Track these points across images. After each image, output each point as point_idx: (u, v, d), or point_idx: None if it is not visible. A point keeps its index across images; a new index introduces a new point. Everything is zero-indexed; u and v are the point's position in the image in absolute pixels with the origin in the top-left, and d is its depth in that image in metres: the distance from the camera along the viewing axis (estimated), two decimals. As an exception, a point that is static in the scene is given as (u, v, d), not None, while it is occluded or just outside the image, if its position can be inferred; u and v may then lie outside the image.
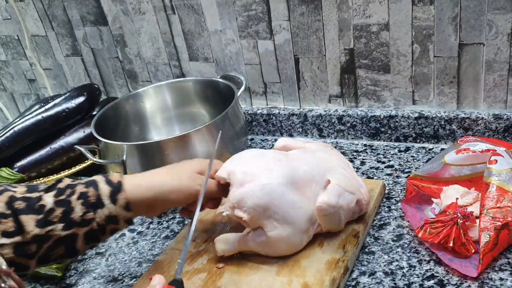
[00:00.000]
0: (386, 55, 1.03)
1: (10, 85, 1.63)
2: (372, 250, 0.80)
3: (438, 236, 0.73)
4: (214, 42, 1.20)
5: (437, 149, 1.04)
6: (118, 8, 1.26)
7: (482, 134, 1.00)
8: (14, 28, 1.47)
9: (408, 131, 1.06)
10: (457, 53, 0.97)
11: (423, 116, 1.04)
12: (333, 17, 1.04)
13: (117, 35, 1.31)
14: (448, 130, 1.03)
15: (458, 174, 0.85)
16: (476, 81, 0.98)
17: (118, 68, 1.37)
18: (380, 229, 0.84)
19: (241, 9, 1.12)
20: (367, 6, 1.00)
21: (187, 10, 1.18)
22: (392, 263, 0.76)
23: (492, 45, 0.94)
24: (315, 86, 1.14)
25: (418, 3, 0.95)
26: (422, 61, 1.01)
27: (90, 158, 0.98)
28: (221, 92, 1.12)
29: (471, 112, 1.01)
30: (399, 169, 0.99)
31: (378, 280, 0.74)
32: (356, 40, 1.04)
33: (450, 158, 0.85)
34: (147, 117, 1.21)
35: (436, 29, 0.96)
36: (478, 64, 0.97)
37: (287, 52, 1.13)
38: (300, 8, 1.06)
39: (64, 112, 1.22)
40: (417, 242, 0.79)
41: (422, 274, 0.73)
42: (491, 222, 0.71)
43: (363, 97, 1.10)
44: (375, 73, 1.06)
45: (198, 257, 0.81)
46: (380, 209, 0.88)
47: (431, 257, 0.76)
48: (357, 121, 1.11)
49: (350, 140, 1.13)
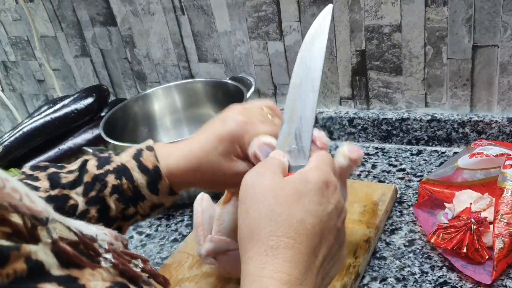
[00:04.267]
0: (398, 56, 1.02)
1: (19, 85, 1.63)
2: (384, 255, 0.78)
3: (451, 242, 0.72)
4: (224, 43, 1.19)
5: (450, 152, 1.02)
6: (127, 9, 1.26)
7: (496, 138, 0.99)
8: (24, 28, 1.47)
9: (420, 134, 1.05)
10: (471, 55, 0.96)
11: (436, 119, 1.02)
12: (344, 18, 1.03)
13: (126, 36, 1.31)
14: (461, 133, 1.01)
15: (472, 179, 0.83)
16: (490, 83, 0.97)
17: (127, 69, 1.37)
18: (391, 234, 0.82)
19: (251, 10, 1.11)
20: (379, 7, 0.98)
21: (197, 11, 1.18)
22: (404, 268, 0.75)
23: (507, 47, 0.92)
24: (325, 88, 1.13)
25: (431, 4, 0.94)
26: (435, 63, 0.99)
27: (98, 159, 0.98)
28: (230, 93, 1.11)
29: (484, 115, 0.99)
30: (411, 173, 0.98)
31: (390, 286, 0.72)
32: (368, 41, 1.03)
33: (463, 162, 0.84)
34: (156, 119, 1.20)
35: (449, 30, 0.95)
36: (492, 66, 0.95)
37: (297, 54, 1.11)
38: (311, 9, 1.05)
39: (72, 113, 1.22)
40: (430, 247, 0.78)
41: (435, 281, 0.72)
42: (506, 228, 0.70)
43: (374, 99, 1.09)
44: (387, 75, 1.05)
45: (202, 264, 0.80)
46: (391, 214, 0.87)
47: (444, 263, 0.74)
48: (369, 124, 1.09)
49: (361, 142, 1.12)
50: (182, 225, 0.97)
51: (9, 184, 0.31)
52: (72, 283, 0.32)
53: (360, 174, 1.00)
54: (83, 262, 0.34)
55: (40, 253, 0.31)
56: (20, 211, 0.31)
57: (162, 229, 0.97)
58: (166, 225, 0.98)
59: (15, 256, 0.29)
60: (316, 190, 0.44)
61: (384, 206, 0.85)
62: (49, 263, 0.31)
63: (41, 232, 0.32)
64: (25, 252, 0.29)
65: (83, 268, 0.33)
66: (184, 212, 1.00)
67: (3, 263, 0.28)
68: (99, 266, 0.35)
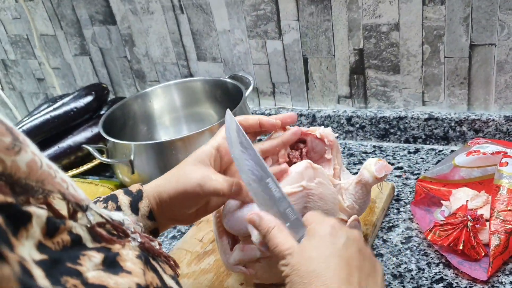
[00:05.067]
0: (396, 55, 1.02)
1: (19, 84, 1.64)
2: (381, 252, 0.79)
3: (448, 239, 0.73)
4: (223, 42, 1.19)
5: (447, 151, 1.03)
6: (126, 8, 1.26)
7: (492, 136, 0.99)
8: (23, 27, 1.48)
9: (417, 132, 1.06)
10: (468, 54, 0.96)
11: (433, 117, 1.03)
12: (342, 17, 1.03)
13: (125, 34, 1.31)
14: (458, 131, 1.02)
15: (468, 177, 0.84)
16: (487, 82, 0.97)
17: (127, 67, 1.37)
18: (388, 231, 0.83)
19: (250, 8, 1.11)
20: (377, 6, 0.99)
21: (196, 10, 1.18)
22: (400, 265, 0.75)
23: (504, 45, 0.93)
24: (323, 86, 1.13)
25: (429, 3, 0.95)
26: (433, 62, 1.00)
27: (98, 157, 0.99)
28: (229, 92, 1.12)
29: (481, 114, 1.00)
30: (408, 171, 0.98)
31: (386, 283, 0.73)
32: (366, 40, 1.03)
33: (460, 160, 0.84)
34: (155, 117, 1.21)
35: (447, 29, 0.96)
36: (490, 65, 0.96)
37: (295, 52, 1.12)
38: (309, 8, 1.05)
39: (72, 111, 1.22)
40: (426, 244, 0.78)
41: (431, 277, 0.72)
42: (502, 225, 0.71)
43: (372, 98, 1.09)
44: (385, 73, 1.05)
45: (205, 257, 0.81)
46: (389, 211, 0.88)
47: (440, 260, 0.75)
48: (366, 122, 1.10)
49: (359, 141, 1.13)
50: (181, 222, 0.97)
51: (59, 174, 0.37)
52: (108, 251, 0.38)
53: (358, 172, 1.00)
54: (115, 242, 0.40)
55: (78, 229, 0.37)
56: (67, 198, 0.37)
57: (161, 226, 0.97)
58: (165, 223, 0.98)
59: (62, 229, 0.35)
60: (325, 237, 0.52)
61: (381, 204, 0.85)
62: (85, 238, 0.38)
63: (79, 215, 0.39)
64: (68, 226, 0.36)
65: (111, 243, 0.40)
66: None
67: (55, 232, 0.34)
68: (128, 241, 0.42)
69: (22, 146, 0.33)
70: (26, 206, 0.32)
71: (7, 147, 0.32)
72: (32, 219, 0.32)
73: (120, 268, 0.38)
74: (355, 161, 1.05)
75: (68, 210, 0.37)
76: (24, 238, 0.31)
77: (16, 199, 0.31)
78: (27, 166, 0.33)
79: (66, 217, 0.37)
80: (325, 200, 0.66)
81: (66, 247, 0.35)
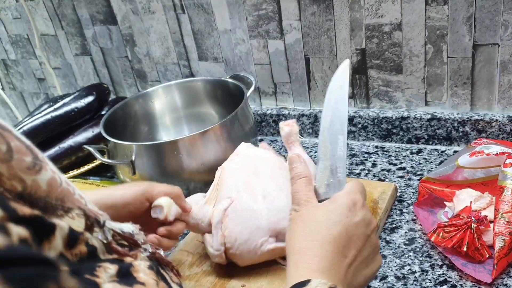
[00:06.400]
0: (399, 55, 1.02)
1: (20, 84, 1.63)
2: (384, 254, 0.78)
3: (451, 240, 0.72)
4: (224, 42, 1.19)
5: (450, 151, 1.02)
6: (127, 8, 1.26)
7: (496, 137, 0.99)
8: (24, 27, 1.47)
9: (420, 132, 1.05)
10: (471, 53, 0.95)
11: (436, 117, 1.02)
12: (344, 17, 1.03)
13: (126, 34, 1.31)
14: (461, 132, 1.01)
15: (472, 177, 0.83)
16: (490, 82, 0.97)
17: (127, 67, 1.37)
18: (391, 232, 0.82)
19: (251, 8, 1.11)
20: (379, 5, 0.98)
21: (197, 10, 1.17)
22: (404, 267, 0.75)
23: (508, 45, 0.92)
24: (325, 86, 1.13)
25: (431, 3, 0.94)
26: (435, 62, 0.99)
27: (98, 158, 0.98)
28: (231, 92, 1.11)
29: (485, 114, 0.99)
30: (411, 172, 0.98)
31: (390, 285, 0.72)
32: (368, 40, 1.03)
33: (464, 160, 0.83)
34: (156, 117, 1.20)
35: (450, 29, 0.95)
36: (493, 65, 0.95)
37: (297, 52, 1.11)
38: (311, 7, 1.05)
39: (73, 111, 1.21)
40: (430, 246, 0.78)
41: (435, 279, 0.72)
42: (506, 226, 0.70)
43: (374, 98, 1.09)
44: (387, 73, 1.05)
45: (206, 259, 0.80)
46: (391, 212, 0.87)
47: (444, 261, 0.74)
48: (369, 122, 1.09)
49: (361, 141, 1.12)
50: (182, 223, 0.97)
51: (77, 191, 0.38)
52: (121, 262, 0.39)
53: (360, 172, 1.00)
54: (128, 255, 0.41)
55: (93, 240, 0.38)
56: (87, 214, 0.37)
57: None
58: (166, 224, 0.97)
59: (80, 240, 0.35)
60: (342, 207, 0.54)
61: (384, 205, 0.85)
62: (99, 249, 0.38)
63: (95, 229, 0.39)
64: (85, 237, 0.37)
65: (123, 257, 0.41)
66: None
67: (74, 244, 0.34)
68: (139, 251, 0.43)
69: (42, 165, 0.33)
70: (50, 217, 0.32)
71: (28, 167, 0.32)
72: (56, 231, 0.32)
73: (134, 279, 0.38)
74: (357, 161, 1.04)
75: (85, 224, 0.37)
76: (47, 249, 0.31)
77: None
78: (47, 184, 0.33)
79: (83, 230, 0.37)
80: None
81: (83, 258, 0.35)
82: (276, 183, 0.75)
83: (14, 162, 0.31)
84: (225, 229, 0.73)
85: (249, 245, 0.72)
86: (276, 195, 0.74)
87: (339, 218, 0.53)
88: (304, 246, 0.51)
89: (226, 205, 0.74)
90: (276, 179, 0.76)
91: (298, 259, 0.51)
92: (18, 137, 0.32)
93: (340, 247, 0.51)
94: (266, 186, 0.75)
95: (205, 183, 0.84)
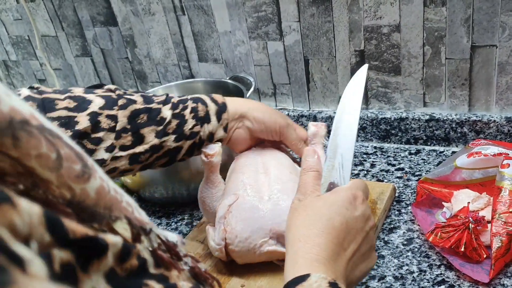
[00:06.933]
0: (397, 56, 1.02)
1: (21, 85, 1.64)
2: (382, 254, 0.79)
3: (449, 241, 0.73)
4: (224, 43, 1.19)
5: (448, 152, 1.03)
6: (128, 9, 1.26)
7: (494, 137, 0.99)
8: (25, 28, 1.48)
9: (418, 133, 1.06)
10: (469, 55, 0.96)
11: (434, 118, 1.03)
12: (343, 19, 1.03)
13: (126, 35, 1.31)
14: (460, 133, 1.02)
15: (470, 178, 0.84)
16: (488, 83, 0.97)
17: (128, 68, 1.37)
18: (390, 232, 0.83)
19: (251, 10, 1.11)
20: (378, 7, 0.99)
21: (197, 11, 1.18)
22: (402, 267, 0.76)
23: (505, 47, 0.93)
24: (324, 87, 1.13)
25: (430, 5, 0.95)
26: (434, 63, 1.00)
27: (99, 159, 0.98)
28: (230, 93, 1.12)
29: (483, 115, 1.00)
30: (410, 172, 0.98)
31: (388, 285, 0.73)
32: (367, 41, 1.03)
33: (462, 161, 0.84)
34: (156, 118, 1.20)
35: (448, 31, 0.96)
36: (491, 66, 0.96)
37: (296, 53, 1.12)
38: (311, 9, 1.05)
39: (73, 112, 1.22)
40: (428, 246, 0.78)
41: (433, 279, 0.72)
42: (503, 227, 0.70)
43: (373, 99, 1.09)
44: (386, 75, 1.05)
45: (206, 259, 0.81)
46: (390, 213, 0.88)
47: (442, 261, 0.75)
48: (367, 123, 1.10)
49: (360, 142, 1.13)
50: (183, 223, 0.98)
51: (124, 198, 0.37)
52: (166, 281, 0.37)
53: (359, 173, 1.01)
54: (174, 267, 0.39)
55: (144, 252, 0.36)
56: (132, 223, 0.36)
57: (163, 227, 0.97)
58: (167, 224, 0.98)
59: (133, 253, 0.34)
60: (343, 200, 0.55)
61: (382, 205, 0.85)
62: (149, 262, 0.36)
63: (142, 238, 0.38)
64: (137, 250, 0.35)
65: (170, 269, 0.39)
66: (185, 211, 1.00)
67: (126, 258, 0.33)
68: (182, 269, 0.41)
69: (91, 172, 0.32)
70: (102, 234, 0.31)
71: (77, 175, 0.31)
72: (108, 251, 0.31)
73: None
74: (356, 162, 1.05)
75: (131, 234, 0.36)
76: (95, 270, 0.29)
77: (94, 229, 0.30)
78: (96, 192, 0.32)
79: (130, 241, 0.36)
80: None
81: (132, 273, 0.33)
82: (284, 187, 0.75)
83: (64, 171, 0.30)
84: (227, 225, 0.73)
85: (248, 243, 0.73)
86: (282, 198, 0.74)
87: (340, 209, 0.54)
88: (304, 234, 0.52)
89: (231, 201, 0.74)
90: (285, 182, 0.76)
91: (299, 247, 0.51)
92: (68, 143, 0.32)
93: (340, 238, 0.52)
94: (273, 187, 0.75)
95: (205, 184, 0.85)
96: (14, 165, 0.27)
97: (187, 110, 0.73)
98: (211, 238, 0.76)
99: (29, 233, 0.24)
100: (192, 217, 0.98)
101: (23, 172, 0.28)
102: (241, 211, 0.73)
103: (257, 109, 0.78)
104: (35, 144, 0.28)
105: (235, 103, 0.77)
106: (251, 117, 0.77)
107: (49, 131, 0.30)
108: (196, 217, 0.98)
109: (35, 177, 0.28)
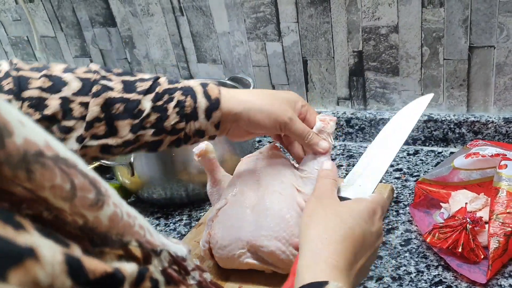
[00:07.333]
0: (395, 57, 1.02)
1: (20, 85, 1.64)
2: (380, 254, 0.79)
3: (447, 241, 0.73)
4: (222, 44, 1.20)
5: (446, 152, 1.03)
6: (126, 10, 1.26)
7: (492, 138, 0.99)
8: (24, 29, 1.48)
9: (417, 134, 1.06)
10: (467, 56, 0.96)
11: (432, 119, 1.03)
12: (342, 19, 1.03)
13: (125, 36, 1.31)
14: (458, 133, 1.02)
15: (467, 179, 0.84)
16: (486, 84, 0.98)
17: (127, 69, 1.38)
18: (388, 233, 0.83)
19: (250, 11, 1.12)
20: (376, 8, 0.99)
21: (196, 12, 1.18)
22: (399, 268, 0.76)
23: (503, 48, 0.93)
24: (323, 88, 1.14)
25: (428, 6, 0.95)
26: (432, 64, 1.00)
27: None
28: (229, 94, 1.12)
29: (481, 116, 1.00)
30: (408, 173, 0.98)
31: (386, 285, 0.73)
32: (365, 42, 1.04)
33: (459, 162, 0.84)
34: (155, 119, 1.20)
35: (446, 31, 0.96)
36: (489, 67, 0.96)
37: (295, 54, 1.12)
38: (309, 10, 1.05)
39: (72, 113, 1.22)
40: (425, 247, 0.78)
41: (430, 280, 0.72)
42: (501, 227, 0.71)
43: (371, 99, 1.10)
44: (384, 75, 1.05)
45: (204, 260, 0.81)
46: (388, 213, 0.88)
47: (440, 262, 0.75)
48: (366, 124, 1.10)
49: (358, 143, 1.13)
50: (181, 224, 0.98)
51: (137, 221, 0.36)
52: None
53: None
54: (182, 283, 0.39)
55: (156, 273, 0.36)
56: (143, 246, 0.36)
57: (161, 228, 0.98)
58: (165, 224, 0.98)
59: (146, 277, 0.34)
60: (364, 212, 0.55)
61: (380, 206, 0.85)
62: (160, 282, 0.36)
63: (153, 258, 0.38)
64: (150, 272, 0.35)
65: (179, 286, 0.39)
66: (183, 212, 1.00)
67: (140, 282, 0.33)
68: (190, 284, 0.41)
69: (105, 199, 0.32)
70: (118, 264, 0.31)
71: (90, 204, 0.31)
72: (125, 283, 0.31)
73: None
74: (354, 162, 1.05)
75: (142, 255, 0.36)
76: None
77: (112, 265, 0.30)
78: (109, 220, 0.32)
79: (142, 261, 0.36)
80: None
81: None
82: (271, 199, 0.71)
83: (77, 200, 0.30)
84: (212, 229, 0.73)
85: (228, 252, 0.72)
86: (266, 212, 0.70)
87: (360, 221, 0.54)
88: (326, 237, 0.51)
89: (221, 206, 0.74)
90: (273, 193, 0.72)
91: (320, 249, 0.50)
92: (83, 172, 0.31)
93: (356, 249, 0.52)
94: (260, 199, 0.72)
95: (203, 185, 0.85)
96: (27, 194, 0.27)
97: (171, 103, 0.65)
98: (201, 239, 0.76)
99: (51, 283, 0.24)
100: (191, 218, 0.99)
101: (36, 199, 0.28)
102: (226, 217, 0.73)
103: (255, 108, 0.68)
104: (49, 176, 0.28)
105: (231, 101, 0.68)
106: (246, 118, 0.68)
107: (64, 160, 0.30)
108: (194, 218, 0.98)
109: (49, 205, 0.28)
